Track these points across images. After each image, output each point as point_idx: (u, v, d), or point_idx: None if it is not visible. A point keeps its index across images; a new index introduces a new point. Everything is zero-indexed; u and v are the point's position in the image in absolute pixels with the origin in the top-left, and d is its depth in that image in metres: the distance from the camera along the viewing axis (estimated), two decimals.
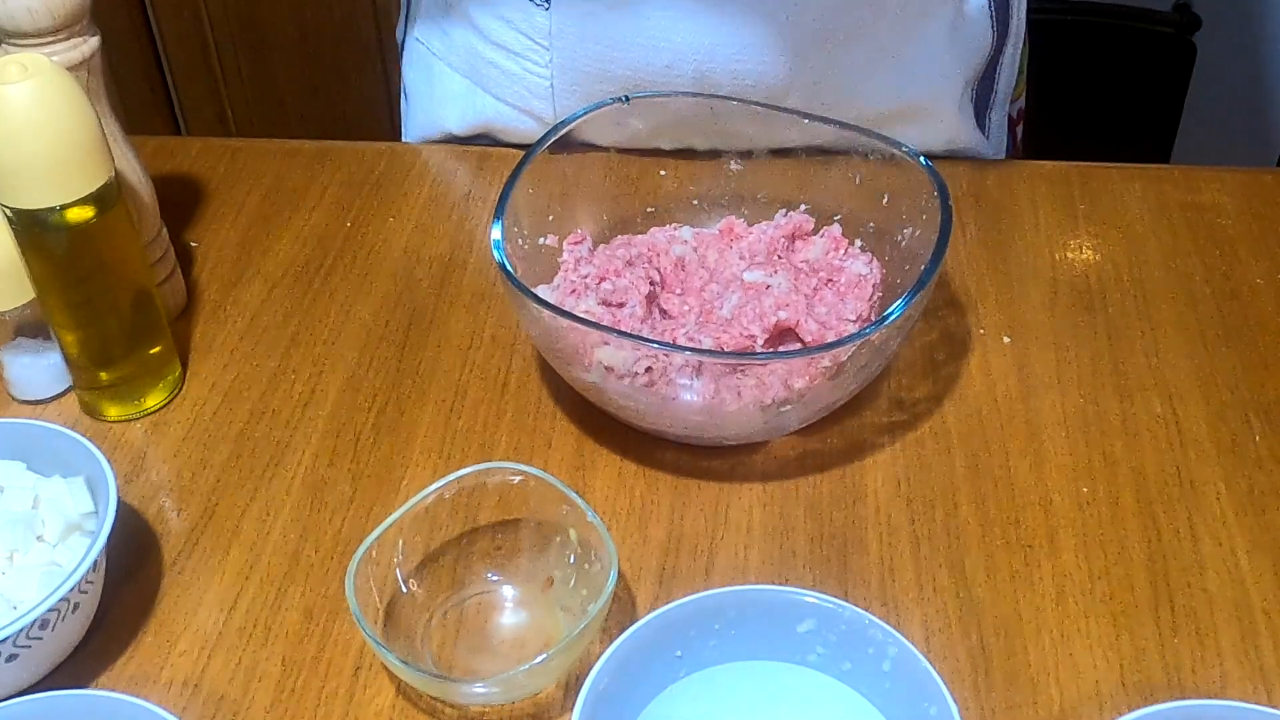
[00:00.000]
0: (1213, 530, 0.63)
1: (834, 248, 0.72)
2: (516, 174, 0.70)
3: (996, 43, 0.88)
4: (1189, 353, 0.73)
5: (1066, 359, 0.73)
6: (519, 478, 0.60)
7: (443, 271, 0.80)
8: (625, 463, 0.68)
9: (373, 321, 0.77)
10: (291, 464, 0.69)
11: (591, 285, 0.68)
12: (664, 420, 0.65)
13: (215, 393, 0.73)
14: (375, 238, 0.83)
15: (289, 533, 0.65)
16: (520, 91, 0.87)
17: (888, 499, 0.66)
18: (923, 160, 0.68)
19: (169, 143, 0.94)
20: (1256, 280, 0.78)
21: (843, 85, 0.83)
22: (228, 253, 0.83)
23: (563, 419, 0.70)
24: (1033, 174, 0.89)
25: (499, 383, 0.73)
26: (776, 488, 0.67)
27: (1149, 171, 0.87)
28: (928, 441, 0.68)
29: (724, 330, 0.66)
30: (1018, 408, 0.70)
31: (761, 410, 0.64)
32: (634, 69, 0.82)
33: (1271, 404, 0.70)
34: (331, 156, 0.91)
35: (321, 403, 0.72)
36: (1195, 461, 0.67)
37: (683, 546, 0.64)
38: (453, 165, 0.90)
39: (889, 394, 0.71)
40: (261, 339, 0.76)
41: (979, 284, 0.78)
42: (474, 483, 0.61)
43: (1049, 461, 0.67)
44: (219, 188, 0.88)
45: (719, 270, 0.72)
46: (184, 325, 0.77)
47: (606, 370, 0.63)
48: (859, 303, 0.68)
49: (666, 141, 0.80)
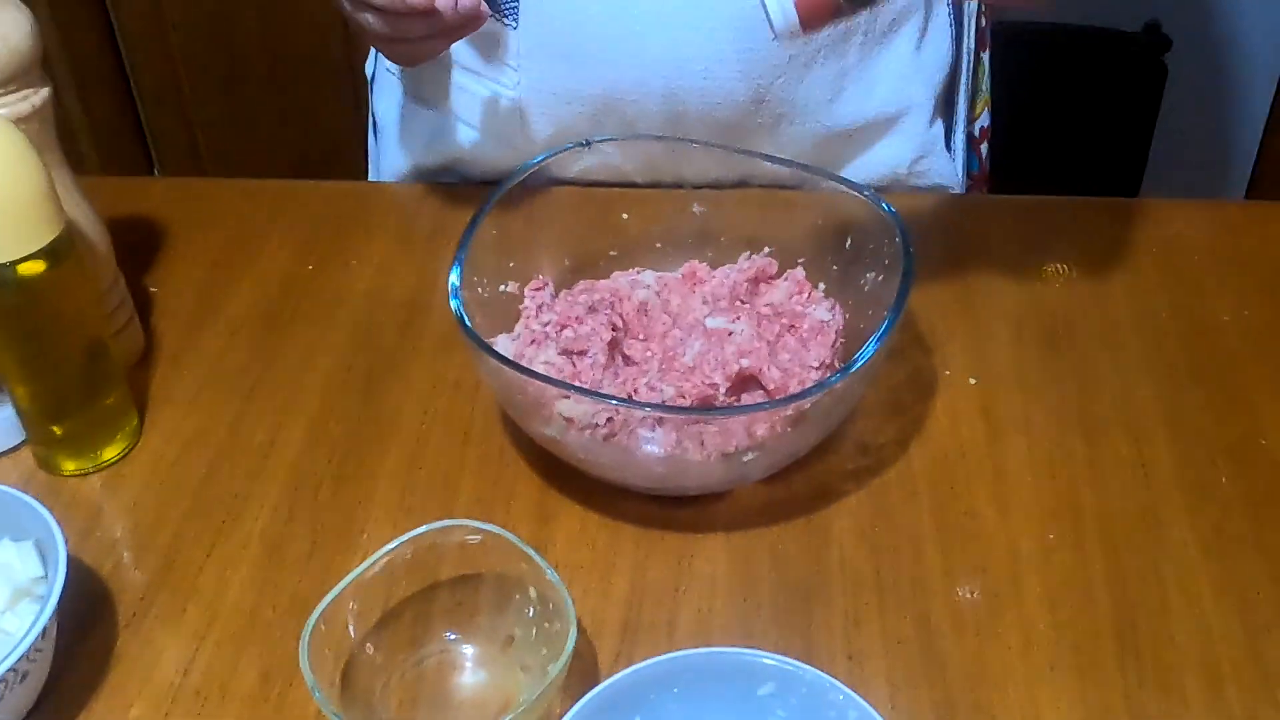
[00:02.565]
0: (1180, 576, 0.63)
1: (797, 291, 0.72)
2: (476, 220, 0.69)
3: (954, 58, 0.89)
4: (1156, 392, 0.73)
5: (1033, 400, 0.73)
6: (477, 537, 0.59)
7: (406, 315, 0.80)
8: (588, 513, 0.67)
9: (334, 368, 0.76)
10: (250, 517, 0.68)
11: (552, 334, 0.67)
12: (626, 473, 0.64)
13: (173, 443, 0.72)
14: (338, 280, 0.82)
15: (247, 590, 0.64)
16: (490, 115, 0.87)
17: (853, 547, 0.65)
18: (885, 205, 0.68)
19: (131, 184, 0.93)
20: (1223, 316, 0.78)
21: (812, 101, 0.83)
22: (188, 297, 0.82)
23: (525, 467, 0.70)
24: (999, 208, 0.89)
25: (461, 430, 0.72)
26: (741, 538, 0.66)
27: (1115, 205, 0.87)
28: (893, 488, 0.68)
29: (686, 379, 0.66)
30: (984, 451, 0.70)
31: (725, 458, 0.63)
32: (603, 87, 0.82)
33: (1238, 444, 0.70)
34: (295, 196, 0.90)
35: (282, 453, 0.71)
36: (1162, 505, 0.66)
37: (646, 600, 0.63)
38: (416, 204, 0.89)
39: (854, 438, 0.71)
40: (221, 387, 0.75)
41: (945, 323, 0.78)
42: (432, 541, 0.60)
43: (1015, 507, 0.67)
44: (181, 230, 0.87)
45: (681, 315, 0.71)
46: (142, 373, 0.76)
47: (567, 422, 0.62)
48: (822, 349, 0.67)
49: (634, 173, 0.80)
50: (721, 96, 0.82)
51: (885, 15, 0.83)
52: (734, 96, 0.82)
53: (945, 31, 0.87)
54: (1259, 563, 0.63)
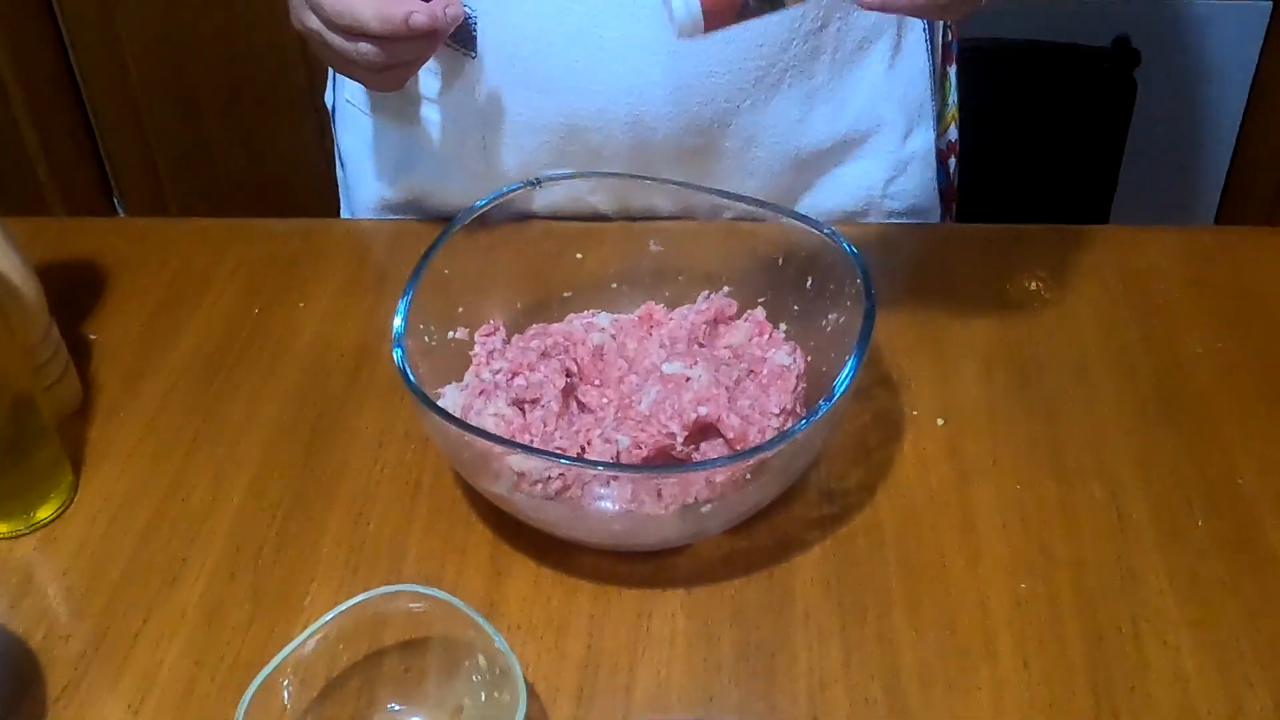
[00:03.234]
0: (1156, 627, 0.61)
1: (758, 333, 0.69)
2: (422, 264, 0.67)
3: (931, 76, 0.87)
4: (1128, 429, 0.71)
5: (1002, 441, 0.70)
6: (421, 605, 0.57)
7: (354, 361, 0.77)
8: (542, 569, 0.64)
9: (279, 418, 0.73)
10: (189, 580, 0.65)
11: (503, 384, 0.65)
12: (580, 532, 0.61)
13: (110, 502, 0.69)
14: (285, 324, 0.80)
15: (184, 659, 0.61)
16: (454, 146, 0.85)
17: (817, 602, 0.62)
18: (846, 245, 0.66)
19: (70, 226, 0.90)
20: (1196, 349, 0.76)
21: (781, 123, 0.81)
22: (128, 345, 0.79)
23: (477, 521, 0.67)
24: (967, 238, 0.87)
25: (411, 483, 0.69)
26: (701, 593, 0.63)
27: (1084, 233, 0.85)
28: (859, 537, 0.65)
29: (642, 428, 0.63)
30: (952, 496, 0.67)
31: (684, 510, 0.60)
32: (565, 116, 0.80)
33: (1213, 484, 0.67)
34: (242, 235, 0.87)
35: (223, 511, 0.68)
36: (1136, 551, 0.64)
37: (602, 662, 0.60)
38: (367, 243, 0.87)
39: (819, 484, 0.68)
40: (161, 440, 0.72)
41: (912, 360, 0.75)
42: (375, 608, 0.57)
43: (985, 556, 0.64)
44: (122, 273, 0.84)
45: (638, 360, 0.69)
46: (79, 425, 0.73)
47: (519, 476, 0.59)
48: (783, 395, 0.65)
49: (601, 204, 0.78)
50: (687, 122, 0.80)
51: (854, 34, 0.81)
52: (700, 121, 0.80)
53: (920, 49, 0.85)
54: (1236, 610, 0.61)
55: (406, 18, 0.68)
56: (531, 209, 0.75)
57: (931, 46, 0.87)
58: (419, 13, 0.68)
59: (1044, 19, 1.57)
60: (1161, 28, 1.57)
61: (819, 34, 0.78)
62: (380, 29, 0.68)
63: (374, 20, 0.68)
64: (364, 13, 0.68)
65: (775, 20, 0.76)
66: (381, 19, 0.68)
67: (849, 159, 0.85)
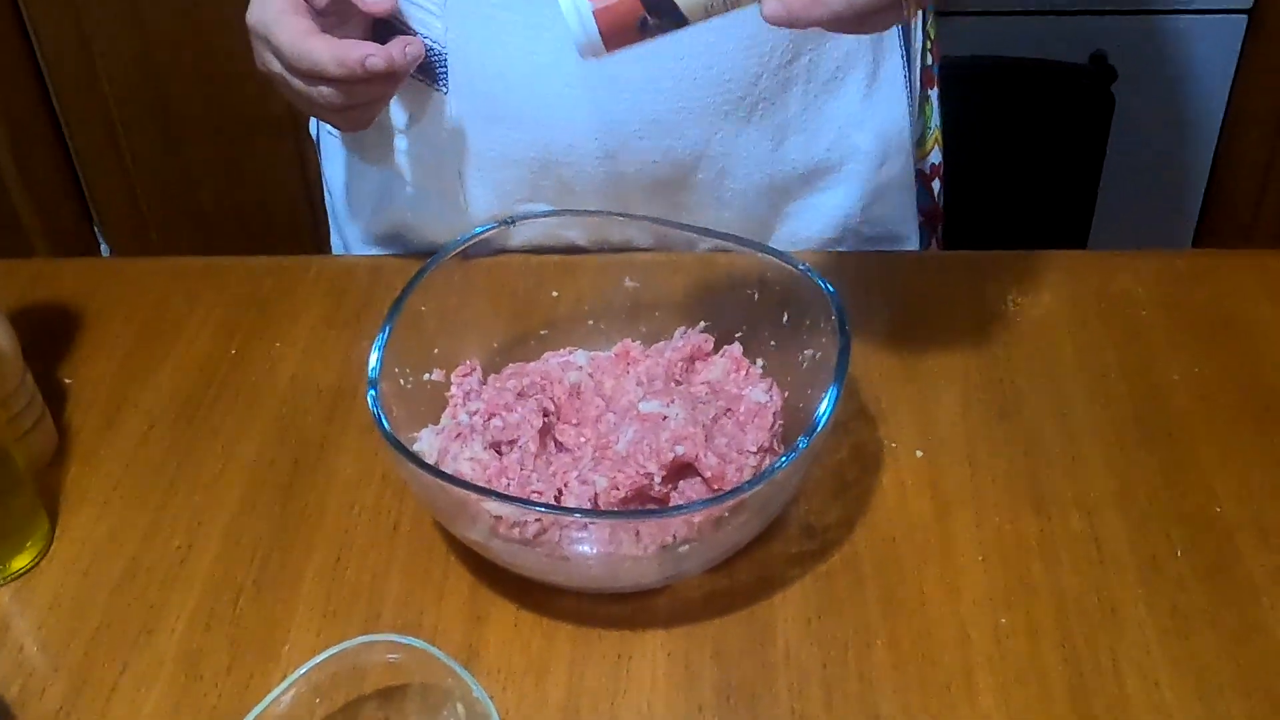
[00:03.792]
0: (1136, 660, 0.61)
1: (735, 369, 0.69)
2: (397, 306, 0.67)
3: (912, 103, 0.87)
4: (1107, 458, 0.71)
5: (981, 472, 0.70)
6: (398, 655, 0.56)
7: (332, 401, 0.77)
8: (522, 611, 0.64)
9: (256, 461, 0.73)
10: (166, 629, 0.64)
11: (479, 427, 0.64)
12: (559, 576, 0.61)
13: (87, 550, 0.68)
14: (261, 365, 0.79)
15: (162, 711, 0.61)
16: (430, 179, 0.84)
17: (798, 640, 0.62)
18: (822, 281, 0.66)
19: (44, 268, 0.89)
20: (1173, 376, 0.76)
21: (753, 154, 0.81)
22: (104, 388, 0.78)
23: (456, 564, 0.66)
24: (944, 265, 0.87)
25: (389, 525, 0.69)
26: (682, 633, 0.63)
27: (1061, 258, 0.85)
28: (839, 574, 0.65)
29: (619, 469, 0.63)
30: (932, 530, 0.67)
31: (662, 549, 0.60)
32: (538, 150, 0.80)
33: (1191, 514, 0.67)
34: (216, 274, 0.87)
35: (200, 556, 0.68)
36: (1116, 583, 0.64)
37: (582, 705, 0.60)
38: (343, 280, 0.86)
39: (798, 520, 0.68)
40: (137, 485, 0.72)
41: (890, 392, 0.75)
42: (354, 658, 0.57)
43: (965, 590, 0.64)
44: (97, 315, 0.84)
45: (615, 398, 0.69)
46: (55, 473, 0.73)
47: (496, 520, 0.59)
48: (760, 432, 0.65)
49: (579, 239, 0.79)
50: (659, 154, 0.80)
51: (827, 65, 0.81)
52: (672, 154, 0.80)
53: (898, 76, 0.85)
54: (1216, 642, 0.61)
55: (363, 60, 0.68)
56: (508, 245, 0.75)
57: (910, 72, 0.87)
58: (375, 56, 0.68)
59: (1021, 36, 1.58)
60: (1138, 43, 1.58)
61: (789, 66, 0.78)
62: (338, 72, 0.69)
63: (331, 64, 0.68)
64: (321, 57, 0.68)
65: (743, 54, 0.76)
66: (338, 62, 0.68)
67: (824, 187, 0.85)
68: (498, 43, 0.76)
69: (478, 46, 0.76)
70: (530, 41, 0.75)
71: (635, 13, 0.58)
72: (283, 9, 0.71)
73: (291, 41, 0.70)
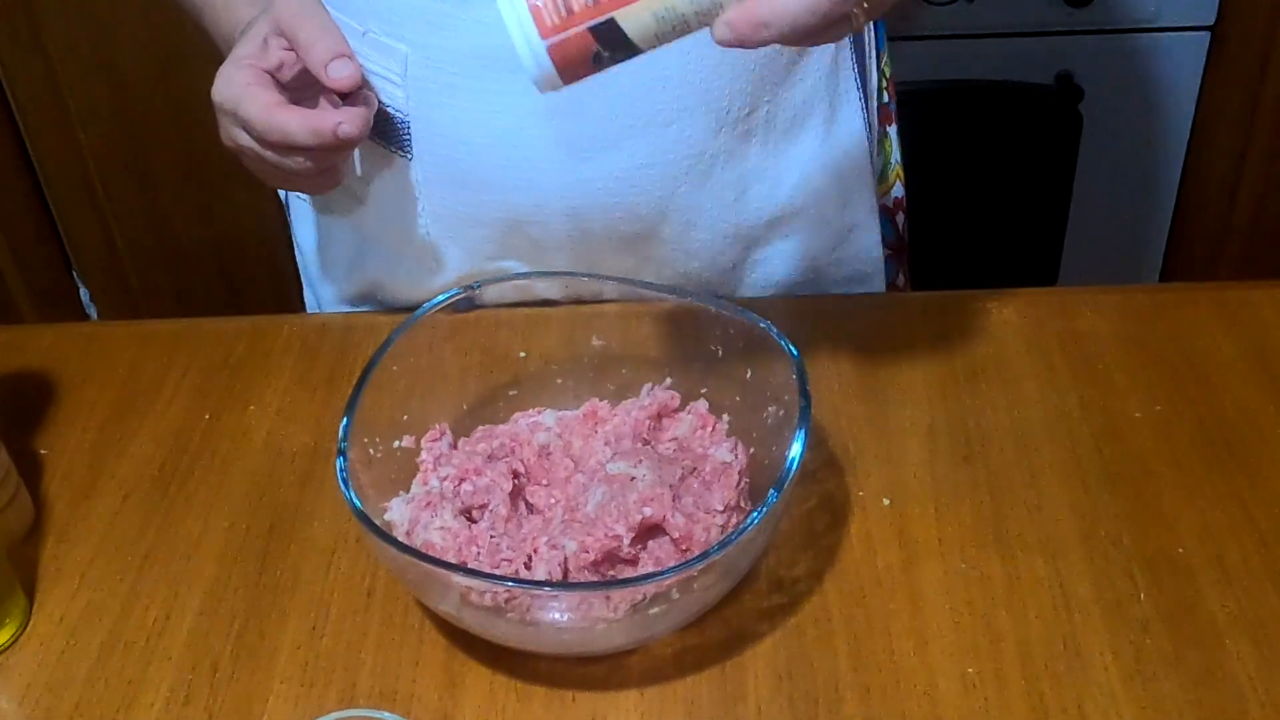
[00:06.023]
0: (1101, 707, 0.62)
1: (701, 425, 0.70)
2: (364, 378, 0.67)
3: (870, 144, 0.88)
4: (1070, 500, 0.72)
5: (947, 518, 0.71)
6: None
7: (306, 464, 0.77)
8: (496, 676, 0.65)
9: (232, 529, 0.74)
10: (144, 705, 0.65)
11: (449, 493, 0.65)
12: (531, 644, 0.62)
13: (64, 627, 0.69)
14: (235, 430, 0.80)
15: None
16: (400, 240, 0.85)
17: (769, 697, 0.63)
18: (782, 340, 0.67)
19: (19, 335, 0.90)
20: (1135, 414, 0.77)
21: (716, 205, 0.83)
22: (80, 458, 0.79)
23: (430, 629, 0.67)
24: (908, 306, 0.88)
25: (364, 591, 0.70)
26: (655, 693, 0.64)
27: (1023, 296, 0.86)
28: (809, 628, 0.66)
29: (588, 531, 0.64)
30: (899, 579, 0.68)
31: (633, 609, 0.61)
32: (504, 211, 0.81)
33: (1153, 555, 0.68)
34: (189, 337, 0.87)
35: (177, 629, 0.68)
36: (1081, 628, 0.65)
37: None
38: (316, 338, 0.87)
39: (768, 573, 0.69)
40: (114, 558, 0.72)
41: (857, 439, 0.76)
42: None
43: (933, 640, 0.65)
44: (72, 383, 0.84)
45: (584, 459, 0.69)
46: (32, 548, 0.73)
47: (466, 589, 0.60)
48: (726, 491, 0.66)
49: (549, 292, 0.79)
50: (624, 212, 0.81)
51: (785, 114, 0.82)
52: (636, 210, 0.81)
53: (856, 118, 0.86)
54: (1180, 686, 0.62)
55: (335, 129, 0.69)
56: (480, 302, 0.75)
57: (867, 112, 0.88)
58: (346, 123, 0.69)
59: (988, 59, 1.59)
60: (1103, 62, 1.59)
61: (748, 118, 0.80)
62: (311, 141, 0.69)
63: (303, 134, 0.69)
64: (292, 127, 0.69)
65: (702, 110, 0.77)
66: (311, 132, 0.69)
67: (788, 233, 0.86)
68: (459, 109, 0.77)
69: (440, 113, 0.77)
70: (491, 107, 0.76)
71: (589, 47, 0.58)
72: (249, 81, 0.72)
73: (260, 115, 0.70)
